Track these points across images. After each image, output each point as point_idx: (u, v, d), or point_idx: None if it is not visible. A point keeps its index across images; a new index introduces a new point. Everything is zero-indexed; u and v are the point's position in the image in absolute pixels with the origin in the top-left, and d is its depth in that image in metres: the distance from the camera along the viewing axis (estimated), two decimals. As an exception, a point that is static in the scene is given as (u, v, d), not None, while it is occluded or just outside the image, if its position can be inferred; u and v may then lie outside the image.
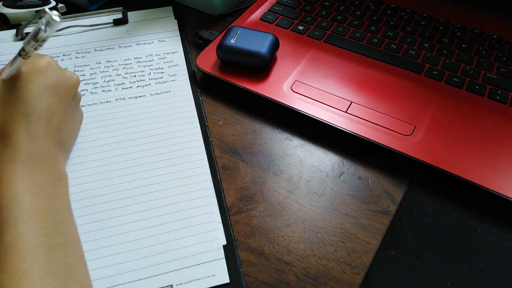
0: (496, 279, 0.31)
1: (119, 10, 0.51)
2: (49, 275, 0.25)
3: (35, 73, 0.31)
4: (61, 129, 0.33)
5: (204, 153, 0.37)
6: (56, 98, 0.32)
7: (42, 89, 0.31)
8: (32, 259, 0.25)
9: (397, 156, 0.36)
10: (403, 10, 0.51)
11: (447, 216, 0.34)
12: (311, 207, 0.34)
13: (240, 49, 0.41)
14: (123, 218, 0.33)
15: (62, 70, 0.33)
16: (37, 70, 0.31)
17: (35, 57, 0.32)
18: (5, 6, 0.49)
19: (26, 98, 0.31)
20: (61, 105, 0.33)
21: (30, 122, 0.30)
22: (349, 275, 0.30)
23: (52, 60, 0.33)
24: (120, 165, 0.36)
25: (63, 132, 0.33)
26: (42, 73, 0.31)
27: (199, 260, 0.30)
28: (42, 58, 0.32)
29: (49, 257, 0.26)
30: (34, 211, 0.27)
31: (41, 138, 0.31)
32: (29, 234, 0.26)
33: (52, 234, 0.27)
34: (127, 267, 0.30)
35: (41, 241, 0.26)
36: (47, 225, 0.27)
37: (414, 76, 0.43)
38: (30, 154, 0.30)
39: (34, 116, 0.31)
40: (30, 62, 0.31)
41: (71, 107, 0.35)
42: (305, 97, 0.40)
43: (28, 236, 0.26)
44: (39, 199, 0.28)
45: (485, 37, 0.47)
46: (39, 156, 0.30)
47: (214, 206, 0.34)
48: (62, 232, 0.28)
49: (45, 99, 0.31)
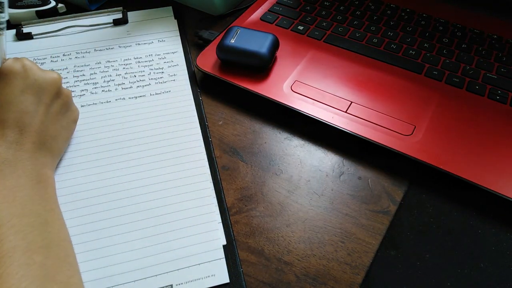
0: (496, 279, 0.31)
1: (119, 10, 0.51)
2: (27, 278, 0.25)
3: (11, 76, 0.31)
4: (43, 131, 0.32)
5: (204, 153, 0.37)
6: (35, 100, 0.32)
7: (18, 93, 0.31)
8: (7, 263, 0.25)
9: (397, 156, 0.36)
10: (403, 10, 0.51)
11: (447, 216, 0.34)
12: (311, 207, 0.34)
13: (240, 49, 0.41)
14: (123, 218, 0.33)
15: (40, 71, 0.33)
16: (13, 73, 0.31)
17: (12, 61, 0.32)
18: (5, 6, 0.49)
19: (1, 103, 0.31)
20: (41, 107, 0.32)
21: (6, 128, 0.30)
22: (349, 275, 0.30)
23: (29, 62, 0.33)
24: (120, 165, 0.36)
25: (45, 133, 0.33)
26: (18, 76, 0.31)
27: (199, 260, 0.30)
28: (18, 61, 0.32)
29: (26, 260, 0.25)
30: (7, 216, 0.27)
31: (18, 143, 0.30)
32: (4, 240, 0.26)
33: (30, 237, 0.27)
34: (127, 267, 0.30)
35: (17, 244, 0.26)
36: (24, 228, 0.27)
37: (414, 76, 0.43)
38: (5, 160, 0.29)
39: (10, 121, 0.30)
40: (6, 66, 0.31)
41: (55, 107, 0.34)
42: (305, 97, 0.40)
43: (3, 241, 0.26)
44: (13, 204, 0.28)
45: (485, 37, 0.47)
46: (15, 161, 0.30)
47: (214, 206, 0.34)
48: (42, 235, 0.28)
49: (22, 102, 0.31)
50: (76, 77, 0.43)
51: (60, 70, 0.44)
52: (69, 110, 0.36)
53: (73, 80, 0.43)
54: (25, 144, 0.31)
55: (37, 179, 0.31)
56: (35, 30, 0.48)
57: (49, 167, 0.33)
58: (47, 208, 0.30)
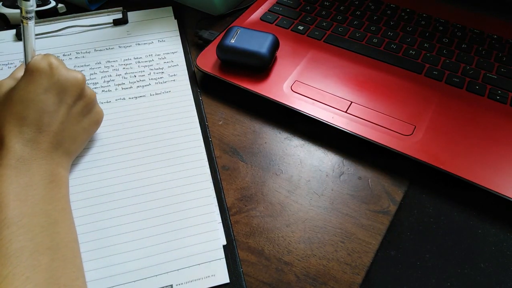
0: (496, 279, 0.31)
1: (119, 10, 0.51)
2: (31, 280, 0.25)
3: (36, 74, 0.31)
4: (62, 131, 0.32)
5: (204, 153, 0.37)
6: (57, 100, 0.32)
7: (41, 91, 0.31)
8: (14, 264, 0.25)
9: (397, 156, 0.36)
10: (403, 10, 0.51)
11: (447, 216, 0.34)
12: (311, 207, 0.34)
13: (240, 49, 0.41)
14: (123, 218, 0.33)
15: (65, 70, 0.33)
16: (39, 71, 0.31)
17: (40, 58, 0.32)
18: (5, 6, 0.49)
19: (24, 100, 0.30)
20: (63, 107, 0.32)
21: (24, 125, 0.30)
22: (349, 275, 0.30)
23: (56, 60, 0.32)
24: (120, 165, 0.36)
25: (63, 133, 0.32)
26: (43, 74, 0.31)
27: (199, 260, 0.30)
28: (45, 59, 0.32)
29: (33, 262, 0.25)
30: (19, 215, 0.27)
31: (35, 142, 0.30)
32: (13, 239, 0.26)
33: (38, 238, 0.27)
34: (127, 267, 0.30)
35: (25, 245, 0.26)
36: (33, 229, 0.27)
37: (414, 76, 0.43)
38: (20, 158, 0.29)
39: (29, 120, 0.30)
40: (34, 63, 0.31)
41: (77, 108, 0.34)
42: (305, 97, 0.40)
43: (12, 241, 0.26)
44: (25, 203, 0.28)
45: (485, 37, 0.47)
46: (30, 160, 0.30)
47: (214, 206, 0.34)
48: (51, 235, 0.28)
49: (44, 101, 0.31)
50: (76, 77, 0.43)
51: (60, 70, 0.44)
52: (92, 111, 0.36)
53: (73, 80, 0.43)
54: (42, 143, 0.31)
55: (50, 178, 0.31)
56: (35, 30, 0.48)
57: (64, 166, 0.33)
58: (58, 208, 0.30)
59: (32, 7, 0.31)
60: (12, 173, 0.29)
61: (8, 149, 0.29)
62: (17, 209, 0.27)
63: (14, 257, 0.25)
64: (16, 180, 0.28)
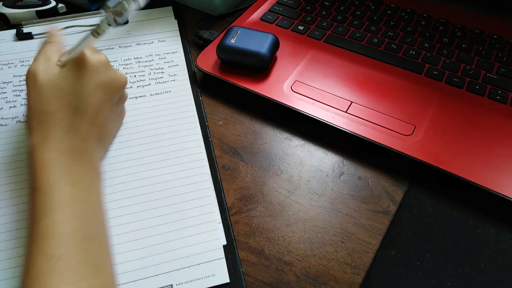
0: (496, 279, 0.31)
1: (119, 10, 0.51)
2: (83, 263, 0.26)
3: (89, 69, 0.32)
4: (104, 127, 0.33)
5: (204, 153, 0.37)
6: (104, 97, 0.33)
7: (93, 86, 0.32)
8: (68, 245, 0.26)
9: (397, 156, 0.36)
10: (403, 10, 0.51)
11: (447, 216, 0.34)
12: (311, 207, 0.34)
13: (240, 49, 0.41)
14: (123, 218, 0.33)
15: (113, 70, 0.34)
16: (92, 66, 0.32)
17: (92, 52, 0.32)
18: (5, 6, 0.49)
19: (77, 91, 0.31)
20: (107, 104, 0.33)
21: (77, 116, 0.31)
22: (349, 275, 0.30)
23: (106, 58, 0.33)
24: (120, 165, 0.36)
25: (104, 129, 0.34)
26: (95, 70, 0.32)
27: (199, 260, 0.30)
28: (98, 54, 0.33)
29: (84, 246, 0.26)
30: (72, 199, 0.28)
31: (83, 134, 0.31)
32: (67, 222, 0.27)
33: (88, 224, 0.28)
34: (127, 267, 0.30)
35: (77, 228, 0.27)
36: (83, 214, 0.28)
37: (414, 76, 0.43)
38: (72, 146, 0.30)
39: (81, 111, 0.31)
40: (88, 56, 0.32)
41: (116, 107, 0.35)
42: (305, 97, 0.40)
43: (66, 223, 0.27)
44: (77, 189, 0.29)
45: (485, 37, 0.47)
46: (81, 150, 0.31)
47: (214, 206, 0.34)
48: (96, 224, 0.29)
49: (94, 96, 0.32)
50: (76, 77, 0.43)
51: (60, 70, 0.44)
52: (123, 111, 0.39)
53: (73, 80, 0.43)
54: (91, 136, 0.32)
55: (95, 170, 0.32)
56: (35, 30, 0.48)
57: (101, 161, 0.34)
58: (99, 200, 0.31)
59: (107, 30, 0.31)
60: (65, 159, 0.30)
61: (60, 136, 0.30)
62: (71, 194, 0.28)
63: (69, 238, 0.26)
64: (67, 166, 0.29)
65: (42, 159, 0.29)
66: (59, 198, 0.27)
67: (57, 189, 0.28)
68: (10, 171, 0.35)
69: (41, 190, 0.28)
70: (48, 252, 0.25)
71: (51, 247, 0.25)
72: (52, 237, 0.26)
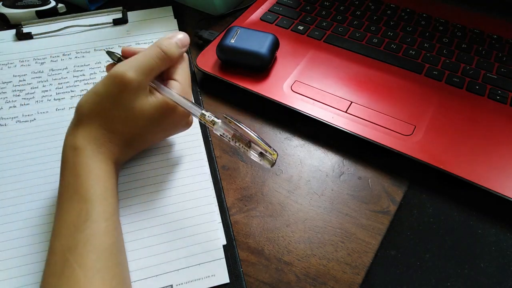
0: (496, 279, 0.31)
1: (119, 10, 0.51)
2: (117, 277, 0.26)
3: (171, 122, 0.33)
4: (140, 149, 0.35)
5: (204, 153, 0.37)
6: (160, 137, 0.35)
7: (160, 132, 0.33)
8: (106, 259, 0.26)
9: (397, 156, 0.36)
10: (403, 10, 0.51)
11: (447, 216, 0.34)
12: (311, 207, 0.34)
13: (240, 49, 0.41)
14: (122, 219, 0.32)
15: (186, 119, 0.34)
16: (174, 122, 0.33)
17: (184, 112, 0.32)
18: (5, 6, 0.49)
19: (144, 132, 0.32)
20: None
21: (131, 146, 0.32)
22: (349, 275, 0.30)
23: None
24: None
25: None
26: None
27: (199, 260, 0.30)
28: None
29: (118, 259, 0.27)
30: (112, 211, 0.28)
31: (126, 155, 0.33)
32: (108, 233, 0.27)
33: (120, 236, 0.29)
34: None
35: (115, 241, 0.27)
36: (118, 226, 0.29)
37: (414, 76, 0.43)
38: (116, 161, 0.31)
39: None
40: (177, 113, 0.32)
41: None
42: (305, 97, 0.40)
43: (107, 235, 0.27)
44: (115, 201, 0.29)
45: (485, 37, 0.47)
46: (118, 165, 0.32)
47: (214, 206, 0.34)
48: (121, 235, 0.30)
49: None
50: (76, 77, 0.43)
51: (60, 70, 0.44)
52: None
53: (73, 80, 0.43)
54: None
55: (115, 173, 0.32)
56: (35, 30, 0.48)
57: None
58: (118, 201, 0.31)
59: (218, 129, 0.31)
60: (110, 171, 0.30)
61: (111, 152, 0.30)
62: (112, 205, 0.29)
63: (108, 252, 0.26)
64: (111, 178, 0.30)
65: (90, 166, 0.29)
66: (103, 209, 0.27)
67: (102, 199, 0.28)
68: (10, 171, 0.35)
69: (86, 198, 0.27)
70: (87, 265, 0.25)
71: (91, 260, 0.25)
72: (92, 249, 0.25)
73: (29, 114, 0.40)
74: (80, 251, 0.25)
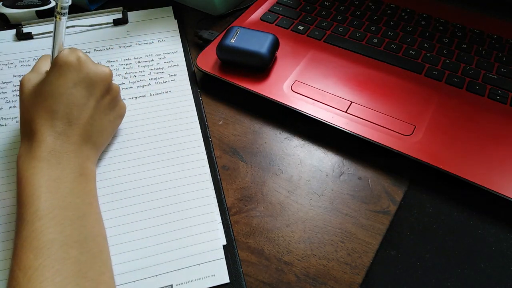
0: (496, 279, 0.31)
1: (119, 10, 0.51)
2: (61, 273, 0.25)
3: (65, 68, 0.31)
4: (90, 124, 0.33)
5: (204, 153, 0.37)
6: (86, 93, 0.32)
7: (71, 85, 0.31)
8: (45, 256, 0.25)
9: (397, 156, 0.36)
10: (403, 10, 0.51)
11: (447, 216, 0.34)
12: (311, 207, 0.34)
13: (240, 49, 0.41)
14: (122, 219, 0.33)
15: (93, 64, 0.33)
16: (67, 65, 0.31)
17: (67, 52, 0.32)
18: (5, 6, 0.49)
19: (54, 94, 0.31)
20: (91, 100, 0.33)
21: (55, 119, 0.31)
22: (349, 275, 0.30)
23: (83, 54, 0.33)
24: (119, 165, 0.36)
25: (92, 127, 0.33)
26: (72, 68, 0.32)
27: (199, 260, 0.30)
28: (73, 53, 0.32)
29: (62, 255, 0.26)
30: (50, 207, 0.27)
31: (66, 135, 0.31)
32: (44, 231, 0.26)
33: (67, 231, 0.27)
34: (127, 267, 0.30)
35: (55, 238, 0.26)
36: (62, 221, 0.27)
37: (414, 76, 0.43)
38: (52, 150, 0.30)
39: (60, 113, 0.31)
40: (62, 57, 0.31)
41: (105, 102, 0.34)
42: (305, 97, 0.40)
43: (44, 232, 0.26)
44: (56, 195, 0.28)
45: (485, 37, 0.47)
46: (61, 153, 0.30)
47: (214, 206, 0.34)
48: (78, 229, 0.28)
49: (73, 95, 0.31)
50: (76, 77, 0.43)
51: (60, 70, 0.44)
52: (117, 105, 0.36)
53: (73, 80, 0.43)
54: (72, 136, 0.31)
55: (79, 171, 0.31)
56: (35, 30, 0.48)
57: (92, 160, 0.33)
58: (86, 202, 0.30)
59: (67, 3, 0.31)
60: (44, 165, 0.29)
61: (40, 142, 0.30)
62: (48, 201, 0.28)
63: (45, 249, 0.26)
64: (47, 173, 0.29)
65: (22, 170, 0.29)
66: (36, 208, 0.27)
67: (35, 199, 0.27)
68: (10, 171, 0.35)
69: (21, 203, 0.28)
70: (26, 265, 0.25)
71: (28, 260, 0.25)
72: (29, 249, 0.25)
73: (29, 114, 0.40)
74: (18, 253, 0.25)
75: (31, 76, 0.33)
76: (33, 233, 0.26)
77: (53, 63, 0.32)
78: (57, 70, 0.31)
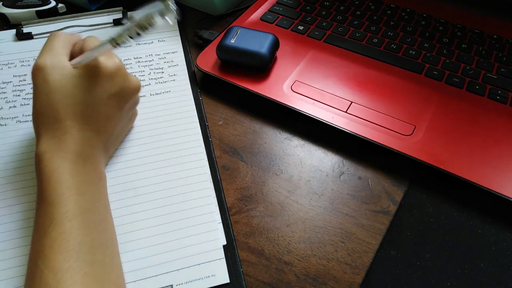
0: (496, 279, 0.31)
1: (119, 10, 0.51)
2: (89, 275, 0.25)
3: (103, 78, 0.31)
4: (113, 133, 0.34)
5: (204, 153, 0.37)
6: (117, 105, 0.33)
7: (106, 96, 0.31)
8: (75, 258, 0.26)
9: (397, 156, 0.36)
10: (403, 10, 0.51)
11: (447, 216, 0.34)
12: (311, 207, 0.34)
13: (240, 49, 0.41)
14: (123, 219, 0.33)
15: (127, 76, 0.33)
16: (106, 75, 0.31)
17: (106, 58, 0.31)
18: (5, 6, 0.49)
19: (89, 101, 0.31)
20: (119, 111, 0.33)
21: (86, 124, 0.31)
22: (349, 275, 0.30)
23: (121, 63, 0.33)
24: (120, 165, 0.36)
25: (113, 135, 0.34)
26: (109, 79, 0.31)
27: (199, 260, 0.30)
28: (113, 60, 0.32)
29: (90, 257, 0.26)
30: (79, 209, 0.28)
31: (92, 141, 0.31)
32: (74, 233, 0.27)
33: (94, 233, 0.28)
34: (127, 268, 0.30)
35: (84, 240, 0.27)
36: (90, 224, 0.28)
37: (414, 76, 0.43)
38: (80, 154, 0.30)
39: (92, 121, 0.31)
40: (100, 65, 0.31)
41: (129, 112, 0.35)
42: (305, 97, 0.40)
43: (73, 234, 0.26)
44: (84, 198, 0.29)
45: (485, 37, 0.47)
46: (87, 157, 0.31)
47: (214, 206, 0.34)
48: (102, 232, 0.29)
49: (107, 105, 0.32)
50: (76, 77, 0.43)
51: (60, 70, 0.44)
52: (134, 114, 0.38)
53: (73, 80, 0.43)
54: (97, 143, 0.32)
55: (99, 176, 0.32)
56: (35, 30, 0.48)
57: (104, 164, 0.34)
58: (104, 205, 0.31)
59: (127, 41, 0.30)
60: (74, 167, 0.29)
61: (71, 144, 0.30)
62: (77, 203, 0.28)
63: (75, 251, 0.26)
64: (77, 175, 0.29)
65: (50, 168, 0.29)
66: (66, 209, 0.27)
67: (65, 200, 0.28)
68: (10, 171, 0.35)
69: (49, 201, 0.27)
70: (56, 267, 0.25)
71: (59, 261, 0.25)
72: (59, 251, 0.25)
73: (29, 114, 0.40)
74: (46, 254, 0.25)
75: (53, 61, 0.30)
76: (63, 235, 0.26)
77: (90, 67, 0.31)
78: (96, 77, 0.31)
